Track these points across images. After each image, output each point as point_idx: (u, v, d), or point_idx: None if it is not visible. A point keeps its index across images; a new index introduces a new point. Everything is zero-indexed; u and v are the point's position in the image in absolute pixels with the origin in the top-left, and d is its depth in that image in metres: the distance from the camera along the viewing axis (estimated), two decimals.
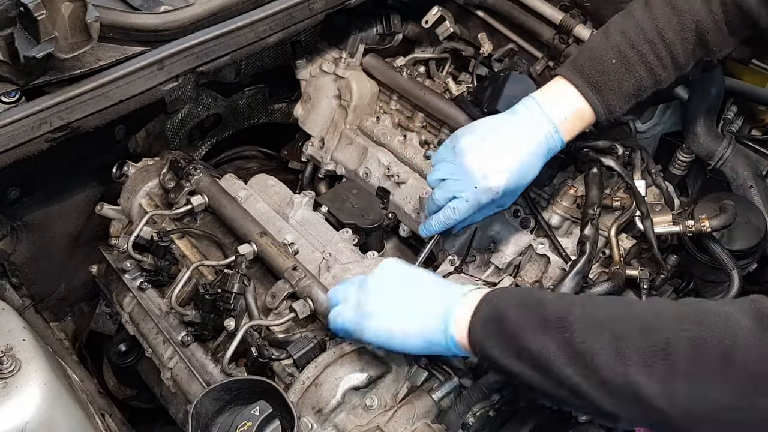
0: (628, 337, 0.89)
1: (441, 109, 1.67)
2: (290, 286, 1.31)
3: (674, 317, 0.88)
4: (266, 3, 1.49)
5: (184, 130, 1.84)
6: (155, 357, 1.49)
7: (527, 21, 1.74)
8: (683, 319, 0.87)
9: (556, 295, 1.06)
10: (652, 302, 0.96)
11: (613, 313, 0.93)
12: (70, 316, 1.81)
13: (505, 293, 1.07)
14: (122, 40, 1.36)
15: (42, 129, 1.27)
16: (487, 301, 1.05)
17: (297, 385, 1.19)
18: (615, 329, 0.90)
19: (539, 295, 1.04)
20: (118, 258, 1.55)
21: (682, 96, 1.54)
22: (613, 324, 0.91)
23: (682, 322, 0.87)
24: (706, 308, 0.88)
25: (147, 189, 1.59)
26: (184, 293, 1.42)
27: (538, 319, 0.97)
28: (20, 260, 1.64)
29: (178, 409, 1.51)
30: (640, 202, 1.35)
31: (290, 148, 2.01)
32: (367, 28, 1.87)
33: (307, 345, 1.23)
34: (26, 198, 1.57)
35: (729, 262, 1.32)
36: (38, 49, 1.14)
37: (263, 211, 1.55)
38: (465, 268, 1.46)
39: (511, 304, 1.01)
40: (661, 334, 0.87)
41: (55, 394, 1.07)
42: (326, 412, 1.15)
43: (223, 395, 1.11)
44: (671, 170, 1.65)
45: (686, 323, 0.87)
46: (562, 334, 0.93)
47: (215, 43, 1.43)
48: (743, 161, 1.50)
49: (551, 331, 0.94)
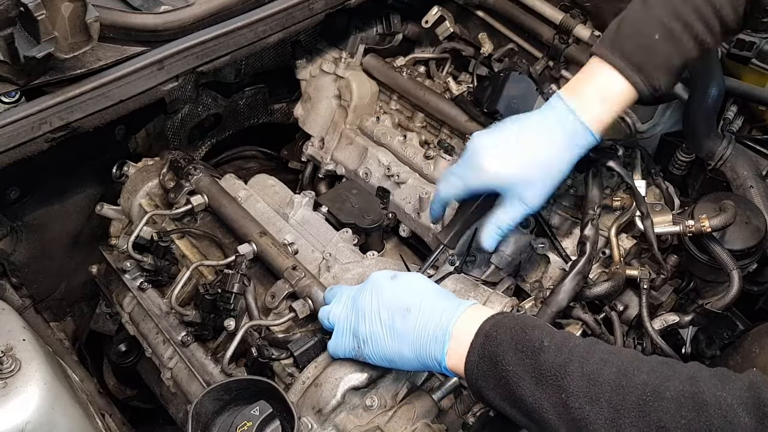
0: (624, 411, 0.87)
1: (441, 109, 1.67)
2: (290, 285, 1.31)
3: (674, 400, 0.85)
4: (266, 3, 1.49)
5: (184, 130, 1.84)
6: (155, 357, 1.49)
7: (527, 21, 1.74)
8: (683, 404, 0.84)
9: (554, 340, 0.96)
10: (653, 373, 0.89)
11: (613, 381, 0.89)
12: (70, 316, 1.82)
13: (502, 328, 1.01)
14: (122, 40, 1.36)
15: (42, 129, 1.27)
16: (485, 335, 1.02)
17: (297, 385, 1.19)
18: (613, 400, 0.88)
19: (537, 337, 0.98)
20: (118, 258, 1.55)
21: (682, 96, 1.54)
22: (611, 394, 0.88)
23: (682, 407, 0.84)
24: (706, 395, 0.84)
25: (147, 189, 1.59)
26: (184, 293, 1.42)
27: (534, 370, 0.94)
28: (20, 260, 1.64)
29: (178, 409, 1.51)
30: (640, 202, 1.35)
31: (290, 148, 2.01)
32: (367, 28, 1.87)
33: (307, 342, 1.23)
34: (26, 198, 1.57)
35: (729, 262, 1.32)
36: (38, 49, 1.14)
37: (263, 211, 1.55)
38: (465, 268, 1.46)
39: (508, 346, 0.98)
40: (658, 415, 0.85)
41: (55, 394, 1.07)
42: (326, 412, 1.15)
43: (223, 395, 1.11)
44: (671, 170, 1.64)
45: (685, 410, 0.84)
46: (558, 395, 0.91)
47: (215, 43, 1.43)
48: (743, 161, 1.50)
49: (547, 387, 0.92)
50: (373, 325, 1.12)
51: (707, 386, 0.85)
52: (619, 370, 0.90)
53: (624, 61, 1.20)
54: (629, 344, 1.37)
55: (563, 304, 1.28)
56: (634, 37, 1.20)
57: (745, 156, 1.52)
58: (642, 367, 0.90)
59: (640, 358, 0.93)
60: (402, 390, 1.21)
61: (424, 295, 1.12)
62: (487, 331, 1.02)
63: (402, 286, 1.14)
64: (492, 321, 1.04)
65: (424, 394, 1.22)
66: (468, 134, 1.60)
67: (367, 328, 1.12)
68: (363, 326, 1.13)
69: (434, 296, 1.12)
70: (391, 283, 1.15)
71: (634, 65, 1.20)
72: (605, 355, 0.93)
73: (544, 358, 0.94)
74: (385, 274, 1.17)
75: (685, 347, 1.44)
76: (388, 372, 1.21)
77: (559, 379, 0.92)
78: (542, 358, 0.94)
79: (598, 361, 0.92)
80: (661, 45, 1.19)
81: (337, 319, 1.18)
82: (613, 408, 0.87)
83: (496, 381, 0.98)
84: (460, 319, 1.06)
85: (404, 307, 1.10)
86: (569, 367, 0.92)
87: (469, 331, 1.04)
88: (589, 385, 0.90)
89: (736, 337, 1.45)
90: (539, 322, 1.03)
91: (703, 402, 0.83)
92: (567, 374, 0.91)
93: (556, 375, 0.92)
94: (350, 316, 1.16)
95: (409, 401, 1.20)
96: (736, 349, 1.37)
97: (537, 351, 0.95)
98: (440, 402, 1.22)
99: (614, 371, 0.90)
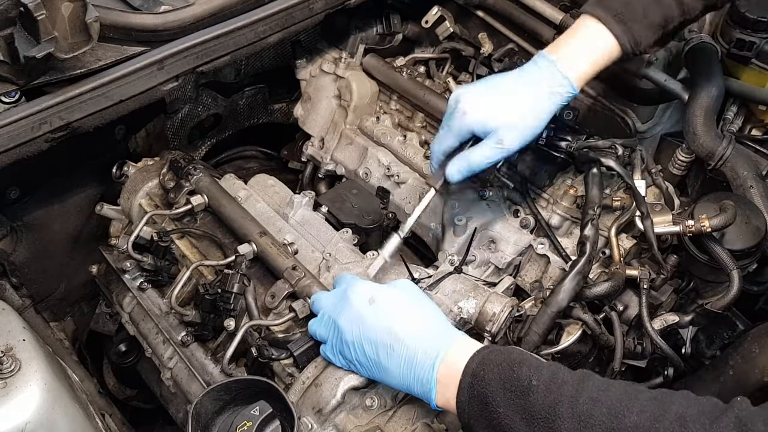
0: None
1: (441, 109, 1.66)
2: (290, 285, 1.31)
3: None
4: (266, 3, 1.49)
5: (184, 130, 1.84)
6: (155, 357, 1.49)
7: (527, 21, 1.74)
8: None
9: (542, 378, 0.96)
10: (643, 414, 0.89)
11: (604, 424, 0.90)
12: (70, 316, 1.82)
13: (489, 365, 1.01)
14: (122, 40, 1.35)
15: (42, 129, 1.27)
16: (472, 374, 1.02)
17: (297, 385, 1.19)
18: None
19: (525, 376, 0.97)
20: (118, 258, 1.55)
21: (682, 96, 1.54)
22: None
23: None
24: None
25: (147, 189, 1.59)
26: (184, 293, 1.42)
27: (524, 411, 0.95)
28: (20, 260, 1.64)
29: (178, 409, 1.51)
30: (640, 202, 1.35)
31: (290, 148, 2.01)
32: (367, 28, 1.87)
33: (307, 342, 1.22)
34: (26, 198, 1.57)
35: (729, 262, 1.32)
36: (38, 49, 1.14)
37: (263, 211, 1.55)
38: (465, 268, 1.46)
39: (497, 386, 0.98)
40: None
41: (55, 394, 1.07)
42: (326, 412, 1.15)
43: (223, 395, 1.11)
44: (671, 170, 1.65)
45: None
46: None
47: (215, 43, 1.43)
48: (743, 161, 1.50)
49: (539, 429, 0.93)
50: (358, 356, 1.13)
51: (695, 427, 0.85)
52: (610, 411, 0.90)
53: (606, 12, 1.27)
54: (629, 344, 1.37)
55: (563, 304, 1.28)
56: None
57: (745, 156, 1.52)
58: (632, 407, 0.90)
59: (629, 395, 0.92)
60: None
61: (406, 326, 1.10)
62: (474, 370, 1.02)
63: (383, 313, 1.12)
64: (478, 358, 1.03)
65: None
66: None
67: (353, 356, 1.13)
68: (348, 353, 1.14)
69: (417, 327, 1.11)
70: (370, 309, 1.13)
71: (616, 16, 1.26)
72: (595, 394, 0.93)
73: (533, 399, 0.94)
74: (362, 296, 1.15)
75: (685, 347, 1.44)
76: None
77: (550, 422, 0.92)
78: (532, 399, 0.95)
79: (588, 400, 0.92)
80: (641, 1, 1.26)
81: (322, 338, 1.19)
82: None
83: (488, 422, 0.99)
84: (444, 362, 1.06)
85: (387, 343, 1.10)
86: (559, 409, 0.92)
87: (455, 371, 1.03)
88: (581, 428, 0.90)
89: (736, 337, 1.45)
90: (526, 356, 1.02)
91: None
92: (557, 416, 0.92)
93: (546, 417, 0.93)
94: (334, 340, 1.16)
95: (409, 401, 1.20)
96: (736, 349, 1.37)
97: (526, 391, 0.95)
98: None
99: (605, 412, 0.90)
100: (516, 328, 1.34)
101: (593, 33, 1.29)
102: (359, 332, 1.12)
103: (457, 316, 1.32)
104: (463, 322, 1.35)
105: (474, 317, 1.32)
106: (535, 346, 1.26)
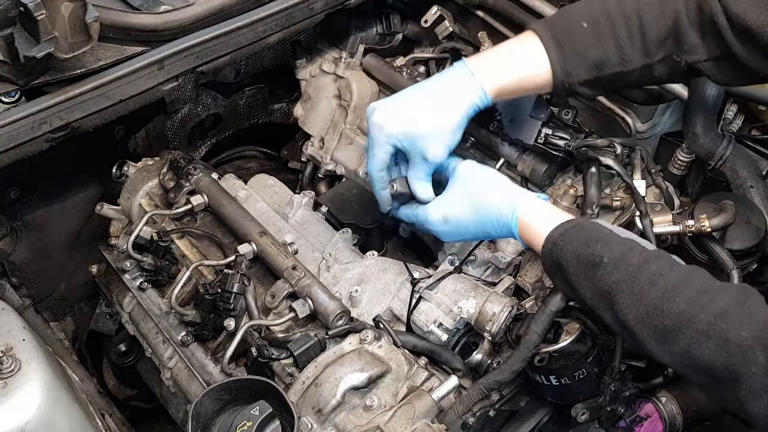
0: (661, 333, 1.02)
1: None
2: (290, 285, 1.31)
3: (702, 333, 0.98)
4: (266, 3, 1.49)
5: (184, 130, 1.84)
6: (155, 357, 1.49)
7: (527, 21, 1.74)
8: (710, 337, 0.97)
9: (613, 257, 1.09)
10: (690, 303, 1.01)
11: (654, 305, 1.03)
12: (70, 316, 1.82)
13: (568, 239, 1.15)
14: (122, 40, 1.36)
15: (42, 129, 1.27)
16: (553, 243, 1.16)
17: (297, 385, 1.20)
18: (653, 322, 1.03)
19: (598, 253, 1.10)
20: (118, 258, 1.55)
21: (682, 96, 1.54)
22: (653, 316, 1.03)
23: (709, 339, 0.97)
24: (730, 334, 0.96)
25: (147, 189, 1.59)
26: (184, 293, 1.42)
27: (590, 281, 1.10)
28: (20, 260, 1.64)
29: (178, 409, 1.51)
30: (639, 201, 1.35)
31: (290, 148, 2.01)
32: (367, 28, 1.87)
33: (307, 342, 1.23)
34: (26, 198, 1.57)
35: (729, 262, 1.32)
36: (38, 49, 1.14)
37: (263, 211, 1.55)
38: (465, 268, 1.46)
39: (572, 257, 1.13)
40: (688, 341, 0.99)
41: (55, 394, 1.07)
42: (326, 412, 1.15)
43: (223, 395, 1.11)
44: (671, 170, 1.64)
45: (711, 342, 0.97)
46: (611, 307, 1.08)
47: (215, 43, 1.43)
48: (743, 161, 1.50)
49: (602, 299, 1.09)
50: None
51: (733, 324, 0.96)
52: (663, 295, 1.03)
53: (550, 34, 1.26)
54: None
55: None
56: (566, 19, 1.28)
57: (745, 156, 1.52)
58: (684, 294, 1.02)
59: (684, 282, 1.04)
60: (402, 390, 1.21)
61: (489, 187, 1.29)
62: (555, 240, 1.16)
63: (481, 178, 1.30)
64: (561, 229, 1.17)
65: (424, 394, 1.22)
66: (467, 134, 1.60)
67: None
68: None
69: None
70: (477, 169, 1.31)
71: (556, 40, 1.26)
72: (654, 277, 1.05)
73: (600, 274, 1.09)
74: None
75: None
76: (388, 372, 1.21)
77: (612, 295, 1.07)
78: (599, 274, 1.09)
79: (646, 282, 1.05)
80: (584, 33, 1.25)
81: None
82: (653, 328, 1.02)
83: (562, 282, 1.17)
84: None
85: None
86: (621, 286, 1.06)
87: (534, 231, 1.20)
88: (634, 304, 1.04)
89: None
90: (603, 235, 1.14)
91: (727, 339, 0.95)
92: (618, 291, 1.06)
93: (609, 291, 1.07)
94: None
95: (409, 401, 1.20)
96: None
97: (596, 266, 1.09)
98: (440, 402, 1.22)
99: (658, 295, 1.03)
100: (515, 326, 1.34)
101: (530, 51, 1.27)
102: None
103: (457, 316, 1.33)
104: (463, 322, 1.35)
105: (474, 317, 1.32)
106: (534, 345, 1.26)
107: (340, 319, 1.26)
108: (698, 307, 1.00)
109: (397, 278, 1.40)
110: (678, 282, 1.04)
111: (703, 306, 1.00)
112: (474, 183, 1.29)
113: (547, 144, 1.44)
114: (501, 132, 1.53)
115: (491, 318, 1.29)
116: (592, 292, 1.10)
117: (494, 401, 1.46)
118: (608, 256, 1.09)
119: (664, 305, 1.02)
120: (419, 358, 1.27)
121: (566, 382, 1.37)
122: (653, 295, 1.03)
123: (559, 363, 1.34)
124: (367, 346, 1.22)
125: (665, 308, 1.01)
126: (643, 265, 1.07)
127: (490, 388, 1.31)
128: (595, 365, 1.37)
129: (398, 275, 1.40)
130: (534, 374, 1.39)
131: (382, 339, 1.24)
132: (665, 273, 1.06)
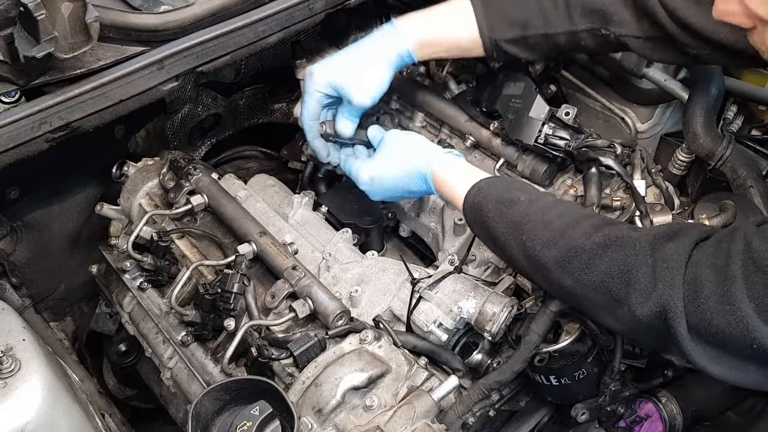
0: (571, 258, 1.08)
1: (440, 109, 1.67)
2: (290, 285, 1.31)
3: (599, 241, 1.06)
4: (266, 3, 1.49)
5: (184, 130, 1.84)
6: (155, 357, 1.49)
7: None
8: (606, 243, 1.05)
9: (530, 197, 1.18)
10: (595, 225, 1.09)
11: (562, 229, 1.11)
12: (70, 316, 1.81)
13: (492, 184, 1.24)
14: (122, 40, 1.35)
15: (42, 129, 1.27)
16: (478, 188, 1.24)
17: (297, 385, 1.19)
18: (560, 243, 1.09)
19: (516, 195, 1.19)
20: (118, 258, 1.55)
21: (682, 96, 1.55)
22: (558, 239, 1.10)
23: (607, 245, 1.04)
24: (624, 238, 1.05)
25: (147, 189, 1.59)
26: (184, 293, 1.42)
27: (504, 218, 1.17)
28: (20, 260, 1.64)
29: (178, 409, 1.51)
30: (639, 201, 1.35)
31: (290, 148, 2.01)
32: (367, 28, 1.87)
33: (307, 342, 1.23)
34: (26, 198, 1.57)
35: None
36: (38, 49, 1.14)
37: (263, 211, 1.55)
38: (465, 268, 1.46)
39: (491, 198, 1.20)
40: (585, 257, 1.06)
41: (55, 394, 1.07)
42: (326, 412, 1.15)
43: (223, 395, 1.11)
44: (671, 170, 1.65)
45: (608, 250, 1.04)
46: (519, 238, 1.14)
47: (215, 43, 1.43)
48: (743, 161, 1.50)
49: (513, 230, 1.16)
50: None
51: (628, 230, 1.06)
52: (569, 222, 1.11)
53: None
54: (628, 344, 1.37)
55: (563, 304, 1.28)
56: None
57: (745, 156, 1.52)
58: (589, 220, 1.11)
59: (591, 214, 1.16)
60: (402, 390, 1.21)
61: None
62: (480, 186, 1.24)
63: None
64: (488, 180, 1.25)
65: (424, 394, 1.22)
66: (467, 134, 1.60)
67: None
68: None
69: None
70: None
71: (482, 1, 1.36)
72: (563, 211, 1.14)
73: (515, 209, 1.17)
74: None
75: None
76: (388, 372, 1.21)
77: (522, 225, 1.14)
78: (514, 209, 1.17)
79: (556, 215, 1.13)
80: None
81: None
82: (557, 251, 1.09)
83: (480, 226, 1.22)
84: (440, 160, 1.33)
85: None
86: (531, 216, 1.14)
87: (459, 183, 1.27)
88: (542, 230, 1.12)
89: None
90: (526, 186, 1.26)
91: (622, 244, 1.03)
92: (528, 221, 1.14)
93: (520, 221, 1.15)
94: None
95: (409, 401, 1.20)
96: None
97: (513, 203, 1.17)
98: (440, 402, 1.22)
99: (565, 222, 1.11)
100: (515, 326, 1.34)
101: (457, 8, 1.38)
102: None
103: (457, 315, 1.33)
104: (463, 322, 1.35)
105: (474, 317, 1.32)
106: (535, 345, 1.26)
107: (340, 319, 1.26)
108: (601, 226, 1.08)
109: (397, 278, 1.40)
110: (587, 214, 1.15)
111: (606, 224, 1.09)
112: (396, 146, 1.41)
113: (547, 144, 1.44)
114: (501, 132, 1.54)
115: (491, 318, 1.29)
116: (506, 226, 1.16)
117: (494, 401, 1.46)
118: (525, 196, 1.18)
119: (568, 230, 1.09)
120: (419, 358, 1.27)
121: (566, 382, 1.37)
122: (560, 222, 1.11)
123: (559, 363, 1.34)
124: (367, 346, 1.22)
125: (569, 233, 1.09)
126: (556, 204, 1.18)
127: (490, 388, 1.31)
128: (595, 365, 1.37)
129: (398, 275, 1.40)
130: (534, 374, 1.39)
131: (382, 339, 1.24)
132: (575, 210, 1.17)
